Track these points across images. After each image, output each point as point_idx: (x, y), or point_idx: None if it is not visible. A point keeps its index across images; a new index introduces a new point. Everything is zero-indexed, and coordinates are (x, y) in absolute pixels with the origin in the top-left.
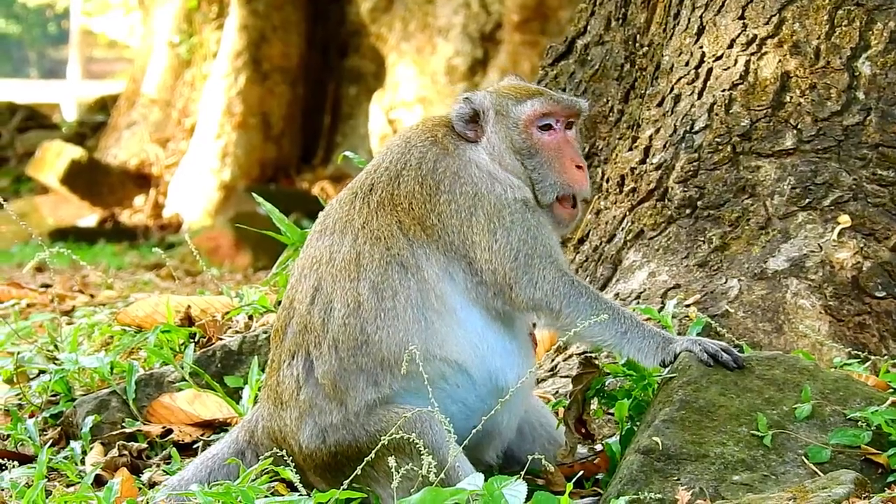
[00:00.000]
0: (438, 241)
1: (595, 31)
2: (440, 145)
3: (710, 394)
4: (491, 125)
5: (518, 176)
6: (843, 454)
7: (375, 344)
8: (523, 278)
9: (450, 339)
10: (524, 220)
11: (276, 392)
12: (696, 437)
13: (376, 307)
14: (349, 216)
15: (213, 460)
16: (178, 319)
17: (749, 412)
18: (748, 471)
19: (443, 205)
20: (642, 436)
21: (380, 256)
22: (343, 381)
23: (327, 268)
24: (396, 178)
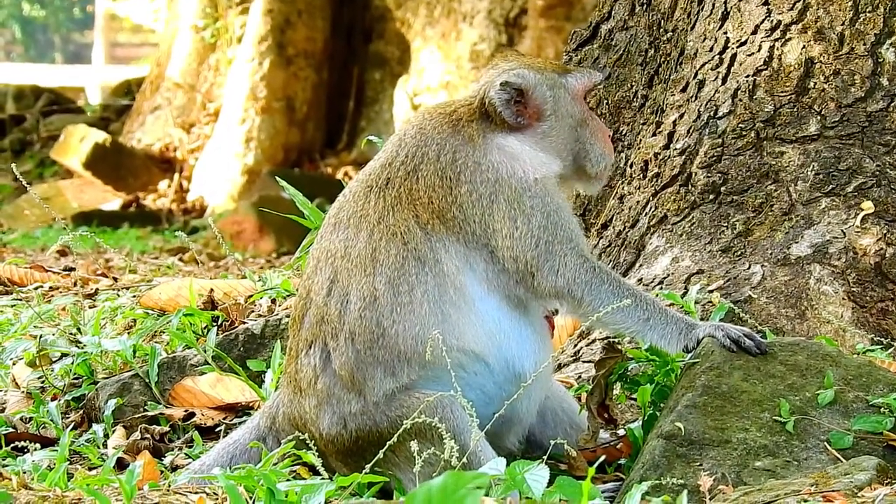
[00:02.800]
0: (459, 232)
1: (619, 16)
2: (462, 134)
3: (733, 379)
4: (546, 102)
5: (565, 152)
6: (865, 440)
7: (392, 337)
8: (545, 266)
9: (467, 330)
10: (544, 204)
11: (295, 380)
12: (718, 422)
13: (392, 301)
14: (364, 211)
15: (235, 446)
16: (201, 303)
17: (772, 398)
18: (770, 456)
19: (463, 196)
20: (665, 421)
21: (396, 252)
22: (361, 373)
23: (343, 262)
24: (414, 172)
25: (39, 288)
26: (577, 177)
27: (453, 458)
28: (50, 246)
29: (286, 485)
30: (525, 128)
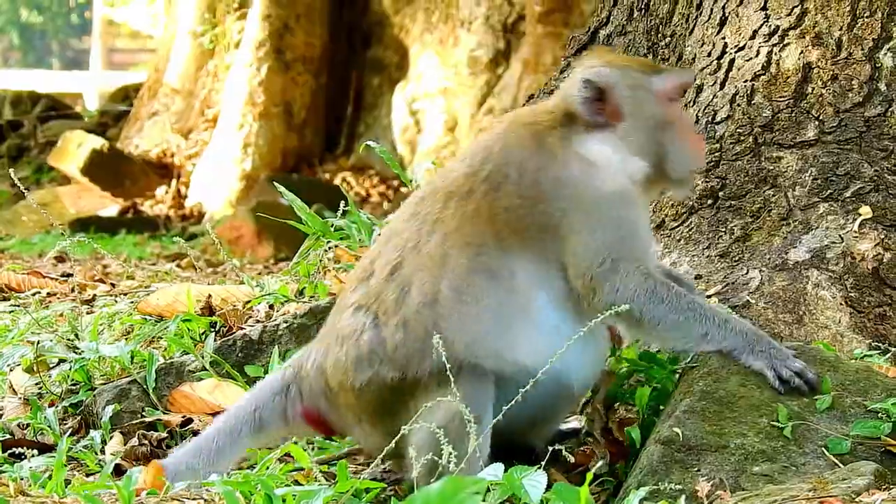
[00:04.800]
0: (534, 249)
1: (618, 21)
2: (544, 148)
3: (731, 385)
4: (626, 102)
5: (647, 153)
6: (863, 446)
7: (446, 340)
8: (606, 284)
9: (524, 344)
10: (617, 217)
11: (337, 329)
12: (716, 427)
13: (454, 308)
14: (442, 215)
15: (260, 394)
16: (199, 308)
17: (769, 403)
18: (768, 462)
19: (542, 214)
20: (663, 426)
21: (467, 262)
22: (406, 356)
23: (412, 253)
24: (496, 189)
25: (37, 294)
26: (662, 179)
27: (451, 464)
28: (47, 252)
29: (283, 490)
30: (606, 127)
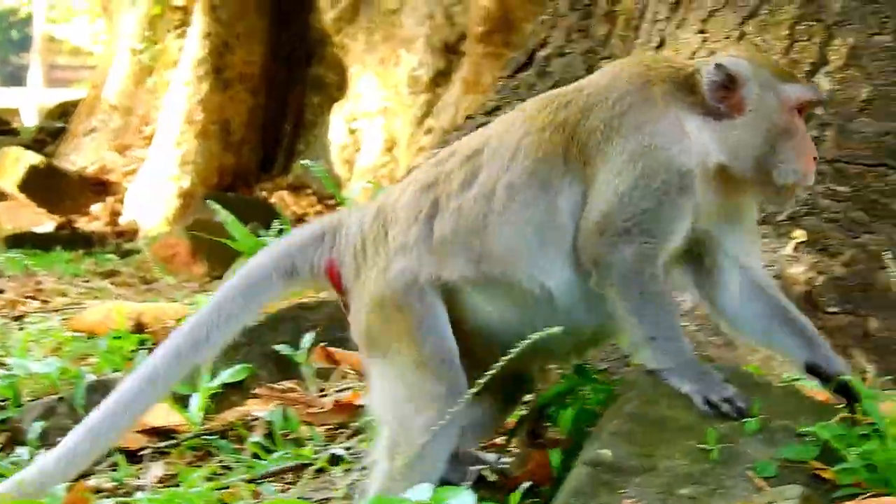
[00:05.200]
0: (591, 179)
1: (556, 42)
2: (646, 91)
3: (660, 407)
4: (752, 98)
5: (748, 154)
6: (790, 469)
7: (490, 235)
8: (611, 237)
9: (554, 270)
10: (667, 196)
11: (394, 203)
12: (644, 449)
13: (504, 206)
14: (536, 114)
15: (295, 240)
16: (130, 326)
17: (698, 426)
18: (696, 484)
19: (612, 148)
20: (591, 448)
21: (531, 164)
22: (447, 247)
23: (495, 142)
24: (589, 110)
25: None
26: (762, 185)
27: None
28: None
29: None
30: (718, 115)
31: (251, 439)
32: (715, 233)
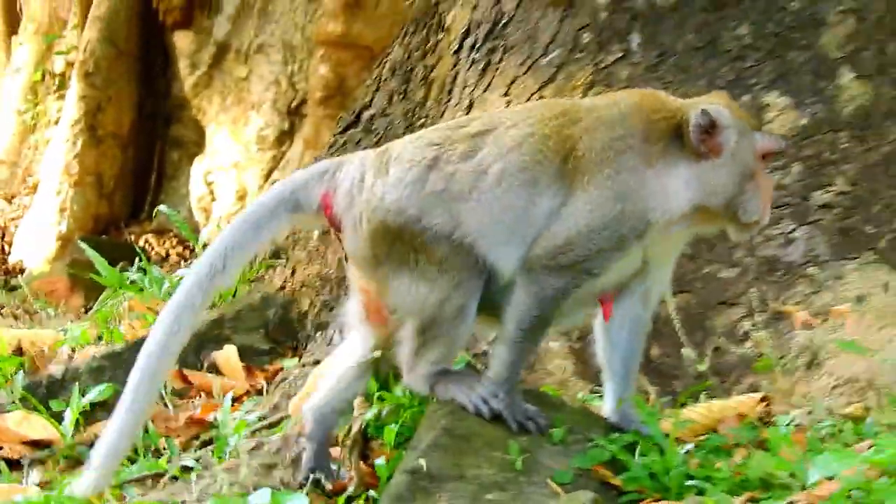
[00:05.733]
0: (573, 191)
1: (380, 104)
2: (648, 142)
3: (470, 423)
4: (730, 143)
5: (721, 193)
6: (583, 476)
7: (471, 206)
8: (552, 261)
9: (510, 256)
10: (626, 239)
11: (402, 149)
12: (456, 460)
13: (492, 186)
14: (548, 118)
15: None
16: (11, 350)
17: (503, 439)
18: (500, 490)
19: (602, 175)
20: (409, 458)
21: (528, 159)
22: (433, 204)
23: (504, 128)
24: (594, 132)
25: None
26: (728, 220)
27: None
28: None
29: None
30: (700, 156)
31: None
32: (651, 266)
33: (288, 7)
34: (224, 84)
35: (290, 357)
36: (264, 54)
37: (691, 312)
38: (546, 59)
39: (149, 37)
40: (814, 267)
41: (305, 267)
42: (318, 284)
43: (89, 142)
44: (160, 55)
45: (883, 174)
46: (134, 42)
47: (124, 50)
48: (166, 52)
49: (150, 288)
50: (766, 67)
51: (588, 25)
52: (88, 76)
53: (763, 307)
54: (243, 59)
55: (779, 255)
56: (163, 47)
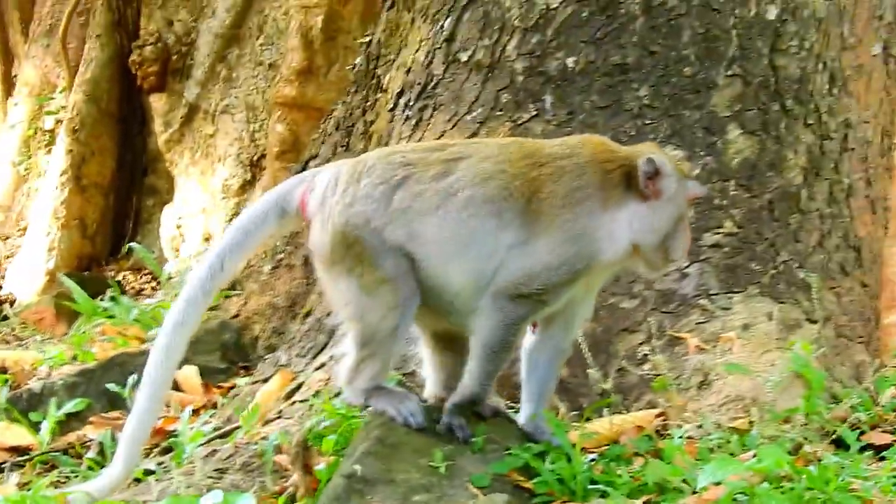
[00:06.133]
0: (534, 232)
1: (325, 155)
2: (605, 191)
3: (399, 433)
4: (669, 188)
5: (659, 231)
6: (499, 481)
7: (433, 224)
8: (513, 292)
9: (460, 278)
10: (579, 274)
11: (374, 164)
12: (387, 466)
13: (457, 209)
14: (518, 160)
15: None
16: None
17: (428, 448)
18: (426, 492)
19: (561, 217)
20: (345, 464)
21: (497, 193)
22: (397, 215)
23: (477, 161)
24: (559, 177)
25: None
26: (654, 256)
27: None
28: None
29: None
30: (645, 198)
31: (87, 456)
32: (576, 297)
33: (250, 73)
34: (194, 140)
35: (243, 376)
36: (229, 114)
37: (597, 338)
38: (470, 116)
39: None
40: (705, 299)
41: (257, 297)
42: (268, 313)
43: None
44: (138, 115)
45: (766, 218)
46: (115, 103)
47: (106, 110)
48: (143, 112)
49: (120, 315)
50: (663, 124)
51: (507, 87)
52: (75, 132)
53: (660, 334)
54: (211, 119)
55: (674, 288)
56: (140, 108)
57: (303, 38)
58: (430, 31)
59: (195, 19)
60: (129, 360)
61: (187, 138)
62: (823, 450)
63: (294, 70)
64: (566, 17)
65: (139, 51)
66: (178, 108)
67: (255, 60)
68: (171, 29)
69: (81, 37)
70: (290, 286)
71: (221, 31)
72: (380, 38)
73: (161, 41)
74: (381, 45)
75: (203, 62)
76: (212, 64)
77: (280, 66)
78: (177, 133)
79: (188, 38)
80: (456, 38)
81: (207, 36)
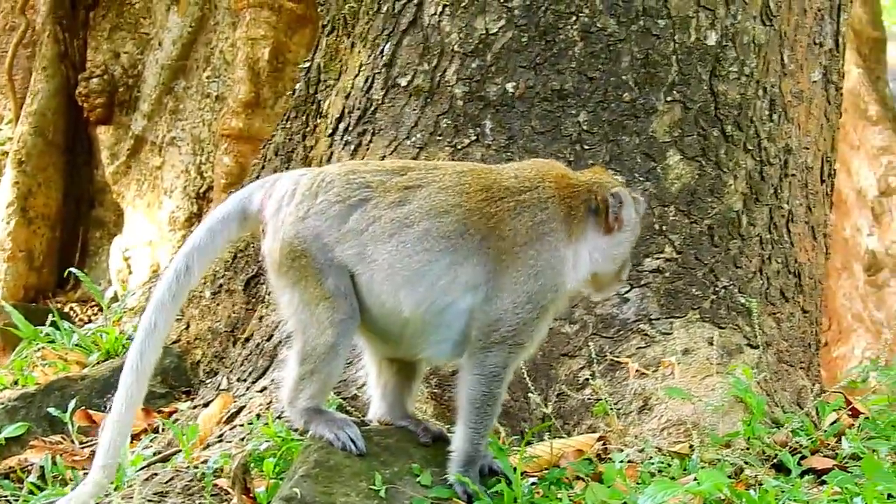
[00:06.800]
0: (496, 269)
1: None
2: (567, 224)
3: (339, 457)
4: (631, 219)
5: (620, 259)
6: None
7: (387, 251)
8: (486, 341)
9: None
10: (546, 308)
11: (335, 181)
12: (326, 489)
13: (413, 241)
14: (470, 199)
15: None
16: None
17: (368, 471)
18: None
19: (524, 255)
20: (285, 487)
21: (453, 229)
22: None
23: (435, 192)
24: (518, 214)
25: None
26: (610, 281)
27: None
28: None
29: None
30: (609, 231)
31: (28, 479)
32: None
33: (196, 106)
34: (140, 172)
35: (184, 400)
36: (176, 147)
37: (537, 363)
38: (410, 141)
39: (75, 131)
40: (646, 324)
41: (198, 322)
42: (209, 338)
43: (21, 222)
44: (84, 146)
45: (706, 243)
46: (61, 135)
47: (53, 142)
48: (90, 143)
49: (61, 339)
50: (603, 149)
51: (446, 112)
52: (21, 164)
53: (601, 358)
54: (158, 151)
55: (615, 314)
56: (87, 140)
57: (249, 70)
58: (369, 56)
59: (142, 51)
60: (70, 384)
61: (134, 170)
62: (764, 474)
63: (241, 102)
64: (505, 43)
65: (86, 83)
66: (124, 140)
67: (202, 92)
68: (117, 61)
69: (28, 68)
70: (231, 311)
71: (168, 63)
72: (319, 64)
73: (108, 73)
74: (321, 71)
75: (150, 94)
76: (158, 96)
77: (227, 97)
78: (123, 165)
79: (135, 70)
80: (395, 63)
81: (154, 68)
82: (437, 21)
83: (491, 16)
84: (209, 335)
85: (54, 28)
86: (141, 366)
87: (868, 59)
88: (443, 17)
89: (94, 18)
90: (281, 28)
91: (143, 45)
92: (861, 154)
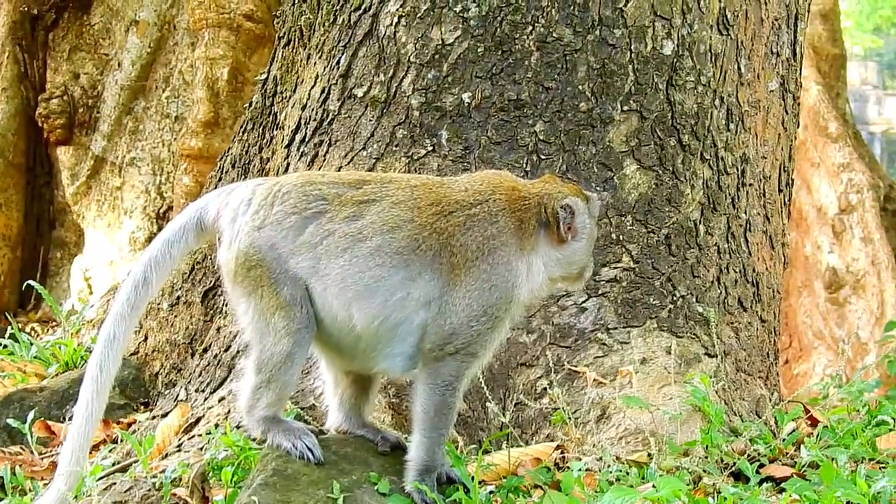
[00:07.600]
0: (448, 283)
1: None
2: (518, 237)
3: (297, 465)
4: (585, 226)
5: (578, 265)
6: None
7: (339, 266)
8: (440, 352)
9: (360, 318)
10: (501, 319)
11: (291, 191)
12: (284, 497)
13: (366, 256)
14: (420, 214)
15: (206, 198)
16: None
17: (326, 479)
18: None
19: (477, 269)
20: (243, 495)
21: (406, 245)
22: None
23: (388, 206)
24: (468, 229)
25: None
26: (573, 279)
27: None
28: None
29: None
30: (562, 242)
31: None
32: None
33: (156, 126)
34: (101, 193)
35: (142, 412)
36: (136, 167)
37: (495, 372)
38: (366, 152)
39: (35, 152)
40: (603, 333)
41: (156, 334)
42: (167, 349)
43: None
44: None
45: (664, 253)
46: (22, 156)
47: (13, 162)
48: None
49: (20, 352)
50: (559, 159)
51: (402, 122)
52: None
53: (558, 368)
54: (118, 171)
55: (572, 323)
56: (47, 160)
57: (209, 90)
58: (325, 67)
59: (101, 72)
60: (29, 396)
61: (94, 191)
62: (723, 482)
63: (200, 122)
64: (461, 53)
65: (45, 104)
66: (84, 160)
67: (162, 113)
68: (77, 82)
69: None
70: (189, 323)
71: (128, 84)
72: (276, 76)
73: (67, 94)
74: (278, 82)
75: (109, 115)
76: (118, 116)
77: (186, 117)
78: (84, 185)
79: (94, 91)
80: (351, 74)
81: (114, 88)
82: (392, 32)
83: (447, 26)
84: (167, 347)
85: (14, 49)
86: (101, 377)
87: (828, 76)
88: (399, 27)
89: (54, 39)
90: (240, 48)
91: (103, 66)
92: (821, 171)
